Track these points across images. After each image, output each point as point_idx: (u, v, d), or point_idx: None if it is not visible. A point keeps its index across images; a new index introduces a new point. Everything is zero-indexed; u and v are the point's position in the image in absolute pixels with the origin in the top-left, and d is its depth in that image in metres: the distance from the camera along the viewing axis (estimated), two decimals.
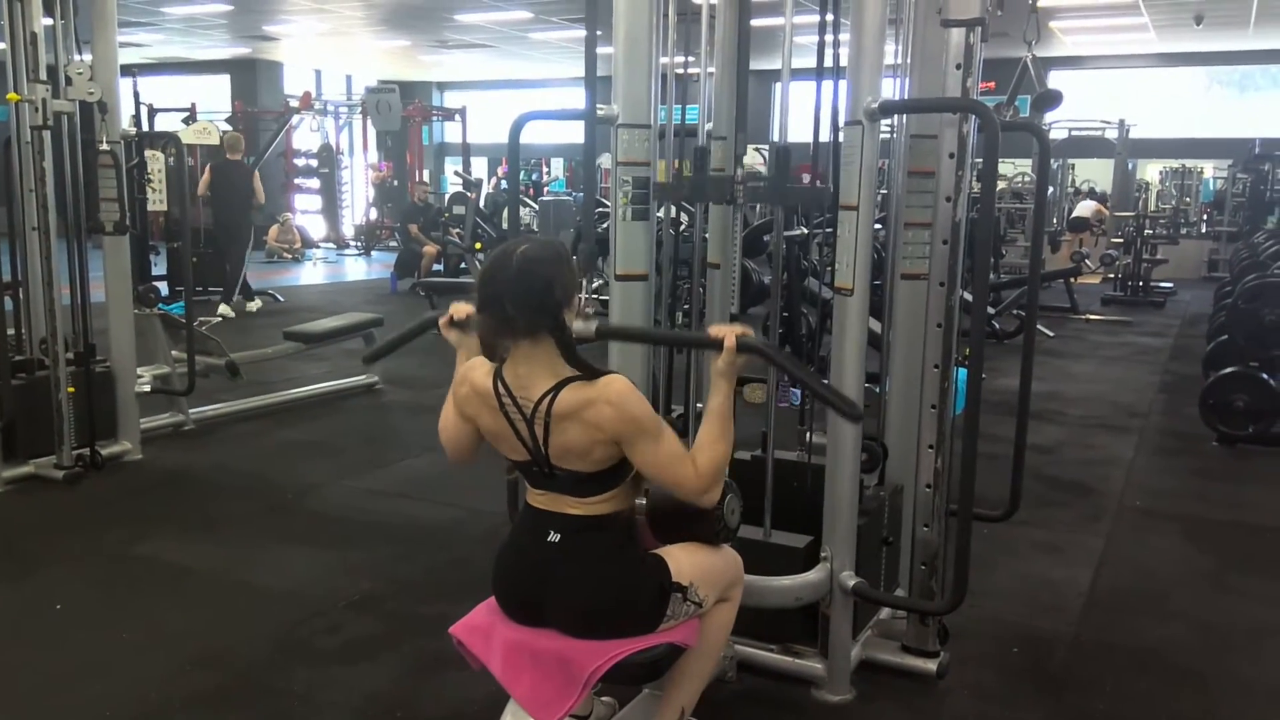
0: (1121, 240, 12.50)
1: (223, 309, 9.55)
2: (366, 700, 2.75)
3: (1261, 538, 4.17)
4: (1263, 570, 3.82)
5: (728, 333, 2.04)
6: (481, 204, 12.89)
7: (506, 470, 2.44)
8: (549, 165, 21.19)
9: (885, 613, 3.04)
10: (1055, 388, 6.87)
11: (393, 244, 16.20)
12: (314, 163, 18.33)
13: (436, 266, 12.28)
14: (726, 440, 2.07)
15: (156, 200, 8.92)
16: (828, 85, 2.82)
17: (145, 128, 10.68)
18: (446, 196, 14.43)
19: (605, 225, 3.84)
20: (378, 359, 2.58)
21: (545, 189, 18.40)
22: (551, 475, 2.04)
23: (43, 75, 4.35)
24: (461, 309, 2.22)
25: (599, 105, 2.71)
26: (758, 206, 11.60)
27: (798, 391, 3.19)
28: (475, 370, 2.10)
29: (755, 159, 12.03)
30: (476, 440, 2.18)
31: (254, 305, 10.14)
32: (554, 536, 2.05)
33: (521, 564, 2.09)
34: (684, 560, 2.13)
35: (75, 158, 4.60)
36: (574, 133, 2.80)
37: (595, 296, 6.95)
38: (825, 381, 2.45)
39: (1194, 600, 3.51)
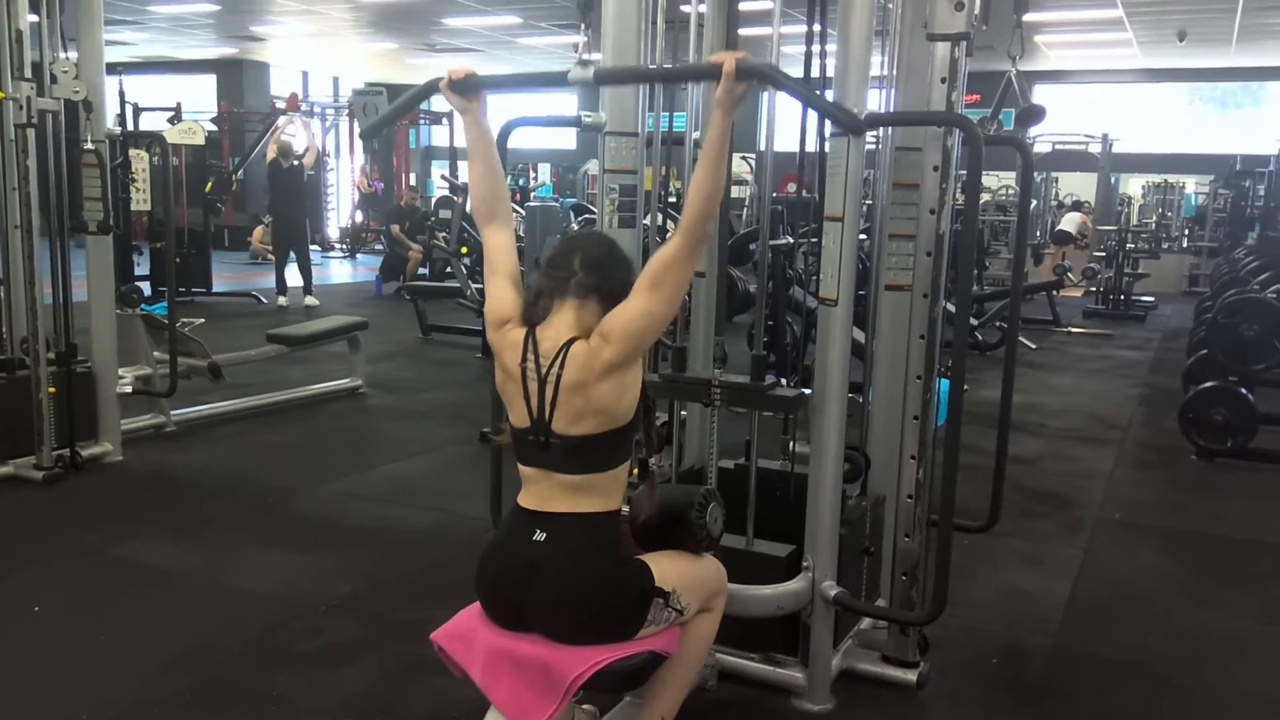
0: (1104, 254, 12.59)
1: (308, 300, 10.48)
2: (346, 704, 2.74)
3: (1238, 550, 4.21)
4: (1240, 582, 3.85)
5: (727, 58, 2.01)
6: (468, 208, 12.86)
7: (494, 431, 2.43)
8: (536, 170, 21.20)
9: (866, 622, 3.05)
10: (1036, 400, 6.91)
11: (378, 247, 16.15)
12: (298, 165, 18.23)
13: (422, 270, 12.26)
14: (717, 175, 2.05)
15: (140, 200, 8.88)
16: None
17: (130, 127, 10.65)
18: (433, 200, 14.40)
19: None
20: (376, 134, 2.60)
21: (532, 194, 18.38)
22: (546, 446, 2.05)
23: (28, 73, 4.34)
24: (460, 69, 2.26)
25: (586, 112, 2.72)
26: (743, 214, 11.65)
27: None
28: (510, 324, 2.13)
29: (742, 167, 12.08)
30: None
31: (283, 301, 10.59)
32: (540, 535, 2.05)
33: (506, 562, 2.09)
34: (667, 567, 2.13)
35: (59, 156, 4.58)
36: (561, 138, 2.80)
37: None
38: (826, 99, 2.41)
39: (1172, 611, 3.53)
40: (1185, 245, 16.36)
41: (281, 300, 10.52)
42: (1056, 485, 4.97)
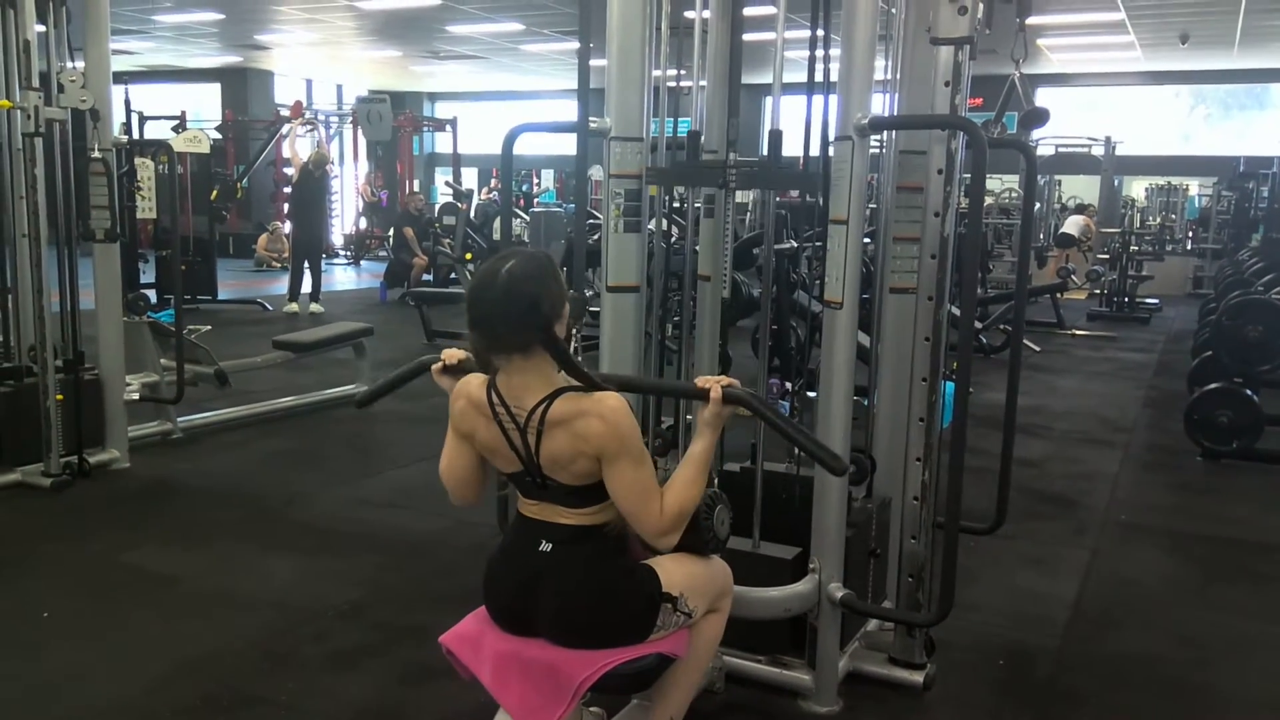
0: (1107, 256, 12.59)
1: (314, 307, 10.64)
2: (353, 710, 2.75)
3: (1244, 551, 4.20)
4: (1245, 583, 3.85)
5: (714, 384, 2.07)
6: (472, 214, 12.89)
7: (499, 485, 2.44)
8: (539, 176, 21.22)
9: (872, 624, 3.05)
10: (1041, 402, 6.91)
11: (382, 254, 16.18)
12: (294, 173, 18.30)
13: (426, 277, 12.28)
14: (698, 488, 2.07)
15: (146, 208, 8.91)
16: (818, 100, 2.84)
17: (136, 136, 10.70)
18: (437, 207, 14.43)
19: (596, 237, 3.86)
20: (373, 401, 2.59)
21: (536, 200, 18.41)
22: (543, 485, 2.05)
23: (35, 83, 4.36)
24: (454, 354, 2.24)
25: (591, 118, 2.73)
26: (746, 219, 11.66)
27: (787, 404, 3.21)
28: (470, 383, 2.12)
29: None
30: (481, 473, 2.18)
31: (294, 307, 10.71)
32: (545, 546, 2.06)
33: (512, 573, 2.10)
34: (674, 571, 2.14)
35: (67, 165, 4.60)
36: (564, 144, 2.81)
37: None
38: (809, 433, 2.43)
39: (1178, 613, 3.53)
40: (1189, 247, 16.36)
41: (293, 307, 10.57)
42: (1062, 487, 4.97)
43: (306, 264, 10.85)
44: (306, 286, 10.84)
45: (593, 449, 1.96)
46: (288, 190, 16.27)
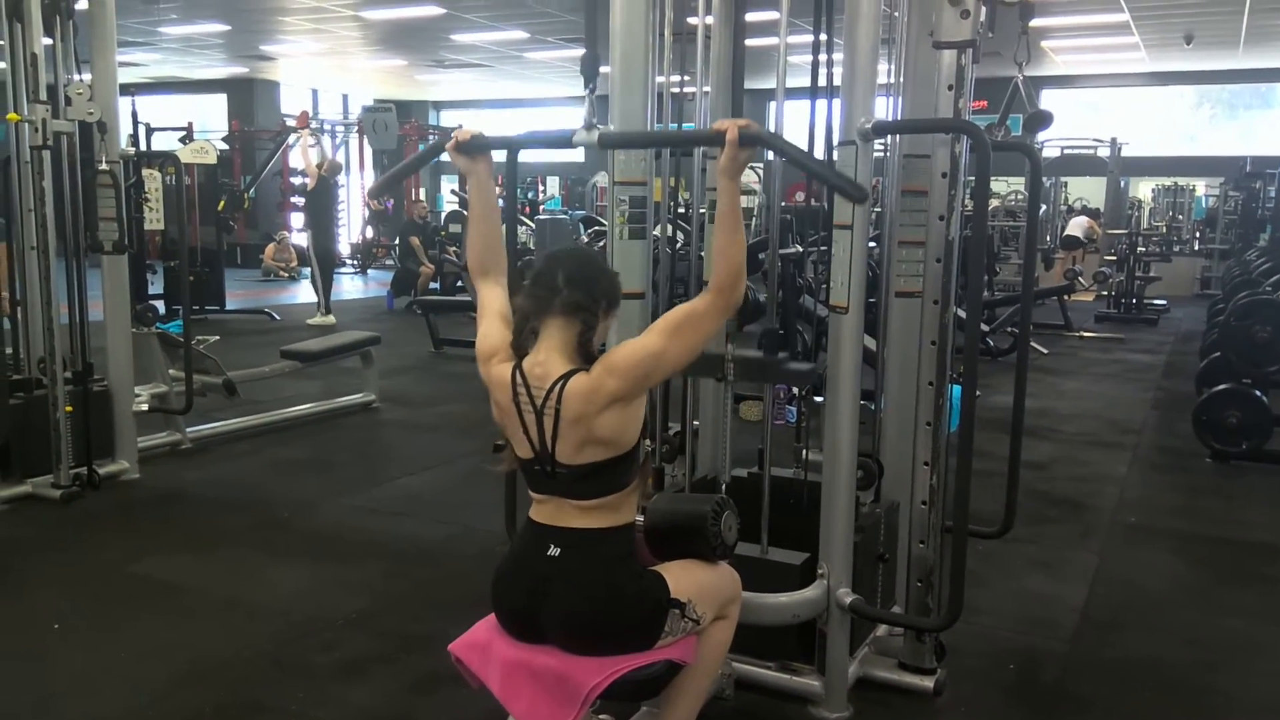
0: (1115, 258, 12.56)
1: (322, 318, 10.51)
2: (362, 718, 2.75)
3: (1254, 554, 4.18)
4: (1255, 586, 3.83)
5: (730, 125, 2.03)
6: None
7: (506, 463, 2.45)
8: (544, 183, 21.26)
9: (882, 630, 3.04)
10: (1049, 405, 6.90)
11: (389, 262, 16.22)
12: (310, 182, 18.37)
13: (433, 285, 12.31)
14: (738, 242, 2.05)
15: (154, 219, 8.95)
16: (822, 105, 2.85)
17: (143, 147, 10.74)
18: (443, 215, 14.47)
19: (602, 244, 3.87)
20: (383, 192, 2.63)
21: (541, 208, 18.45)
22: (553, 475, 2.06)
23: (43, 95, 4.38)
24: (466, 131, 2.29)
25: (596, 125, 2.73)
26: (752, 224, 11.66)
27: (794, 409, 3.21)
28: (496, 358, 2.12)
29: (751, 177, 12.09)
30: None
31: (331, 319, 10.63)
32: (554, 550, 2.06)
33: (521, 578, 2.10)
34: (682, 577, 2.14)
35: (74, 177, 4.62)
36: (569, 152, 2.82)
37: None
38: (829, 167, 2.42)
39: (1187, 616, 3.52)
40: (1196, 248, 16.32)
41: (330, 318, 10.46)
42: (1070, 490, 4.96)
43: (321, 272, 10.84)
44: (313, 296, 10.85)
45: (629, 389, 1.99)
46: (296, 199, 16.44)
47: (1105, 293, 12.55)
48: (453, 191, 15.58)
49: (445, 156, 2.34)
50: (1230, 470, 5.36)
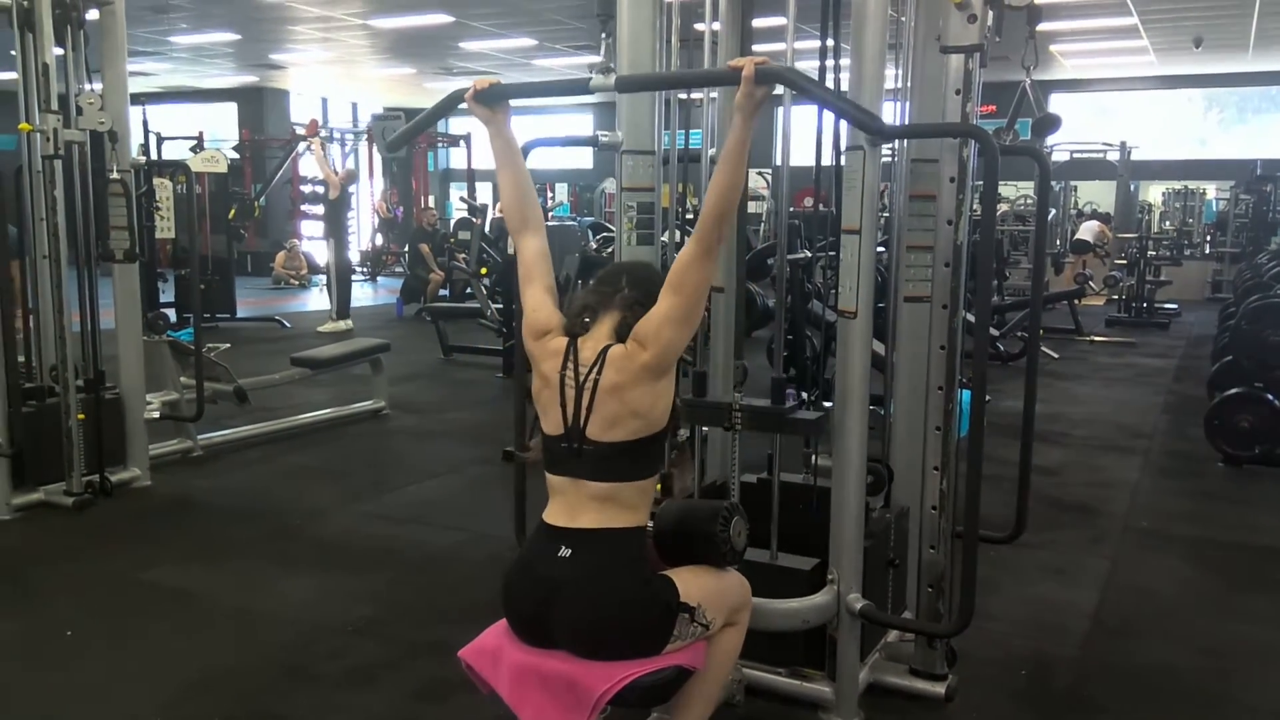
0: (1125, 262, 12.51)
1: (334, 324, 10.64)
2: None
3: (1267, 559, 4.16)
4: (1268, 592, 3.81)
5: (746, 62, 2.03)
6: (487, 229, 12.95)
7: (520, 448, 2.48)
8: (553, 190, 21.29)
9: (893, 635, 3.03)
10: (1059, 409, 6.87)
11: (398, 269, 16.27)
12: (320, 189, 18.44)
13: (442, 292, 12.33)
14: (734, 183, 2.08)
15: (165, 228, 8.99)
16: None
17: (154, 156, 10.80)
18: (452, 222, 14.50)
19: (610, 249, 3.87)
20: (401, 146, 2.66)
21: (550, 214, 18.47)
22: (579, 453, 2.07)
23: (54, 105, 4.41)
24: (485, 80, 2.31)
25: (603, 131, 2.74)
26: (760, 229, 11.67)
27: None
28: (551, 334, 2.18)
29: (759, 182, 12.09)
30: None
31: (349, 324, 10.79)
32: (565, 551, 2.06)
33: (531, 582, 2.10)
34: (692, 582, 2.14)
35: (86, 186, 4.65)
36: (578, 158, 2.82)
37: None
38: (845, 97, 2.44)
39: (1199, 623, 3.50)
40: (1207, 252, 16.24)
41: (346, 324, 10.62)
42: (1081, 495, 4.94)
43: (322, 280, 10.95)
44: (326, 303, 10.89)
45: (650, 358, 2.05)
46: (306, 208, 16.53)
47: (1116, 297, 12.51)
48: (461, 199, 15.59)
49: (464, 106, 2.35)
50: (1242, 475, 5.34)
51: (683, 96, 3.11)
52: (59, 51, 4.53)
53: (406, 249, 13.78)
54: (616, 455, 2.06)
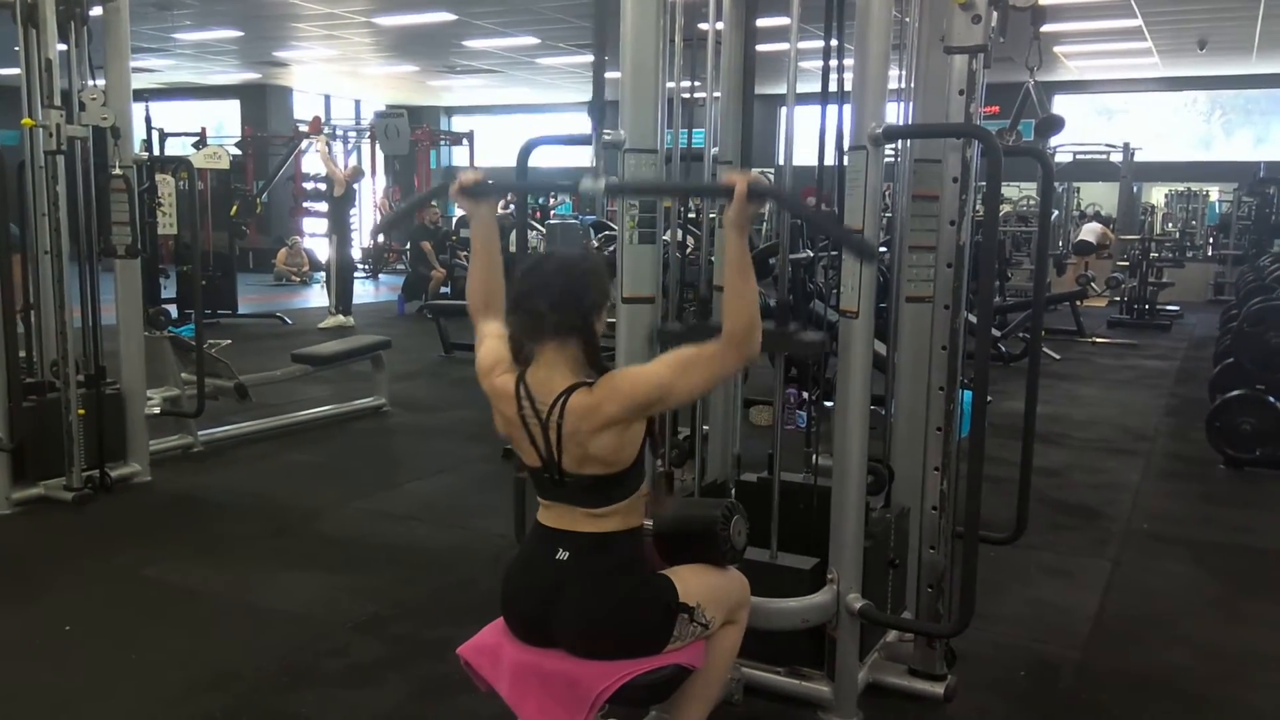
0: (1127, 263, 12.50)
1: (334, 318, 10.69)
2: None
3: (1270, 562, 4.16)
4: (1271, 595, 3.80)
5: (739, 179, 2.02)
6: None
7: (516, 468, 2.45)
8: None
9: (892, 635, 3.03)
10: (1061, 411, 6.86)
11: (400, 267, 16.27)
12: (322, 186, 18.44)
13: (444, 289, 12.33)
14: (748, 293, 2.01)
15: (167, 224, 8.98)
16: (832, 110, 2.84)
17: (157, 152, 10.80)
18: (454, 220, 14.50)
19: (613, 249, 3.87)
20: (388, 229, 2.64)
21: (552, 212, 18.45)
22: (561, 483, 2.06)
23: (57, 101, 4.41)
24: (470, 175, 2.27)
25: (606, 130, 2.73)
26: (763, 229, 11.65)
27: (804, 414, 3.20)
28: (497, 370, 2.12)
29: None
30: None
31: (350, 320, 10.81)
32: (563, 554, 2.06)
33: (530, 582, 2.10)
34: (691, 581, 2.14)
35: (88, 182, 4.65)
36: (580, 157, 2.82)
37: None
38: (838, 220, 2.43)
39: (1202, 625, 3.50)
40: (1210, 253, 16.23)
41: (349, 320, 10.66)
42: (1083, 497, 4.93)
43: (322, 277, 10.98)
44: (325, 300, 10.90)
45: (627, 414, 1.99)
46: (309, 204, 16.54)
47: (1118, 298, 12.50)
48: None
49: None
50: (1244, 477, 5.33)
51: (686, 96, 3.11)
52: (62, 47, 4.53)
53: (408, 246, 13.77)
54: (599, 486, 2.04)
